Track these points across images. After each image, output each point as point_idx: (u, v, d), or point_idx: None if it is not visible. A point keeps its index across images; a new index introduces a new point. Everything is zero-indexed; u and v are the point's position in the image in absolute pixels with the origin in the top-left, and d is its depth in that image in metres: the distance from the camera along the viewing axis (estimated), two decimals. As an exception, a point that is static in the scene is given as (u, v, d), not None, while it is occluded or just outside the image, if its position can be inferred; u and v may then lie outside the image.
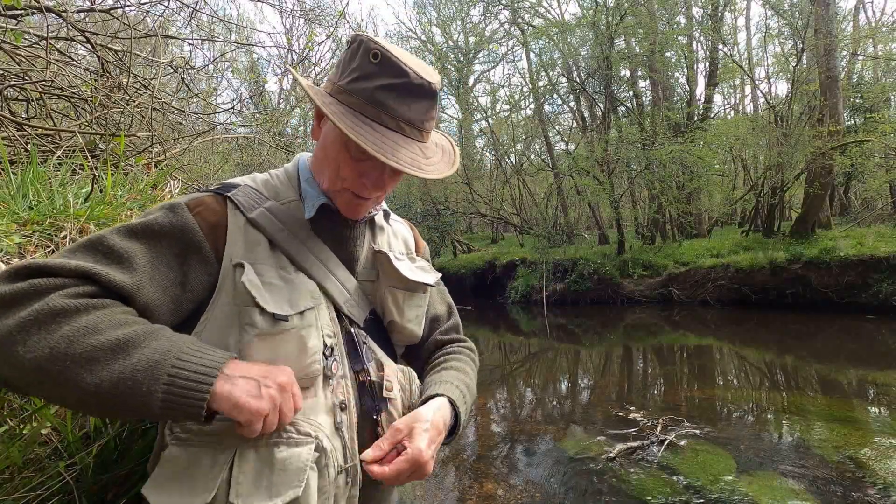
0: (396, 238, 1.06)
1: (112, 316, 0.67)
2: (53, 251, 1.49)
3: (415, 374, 0.99)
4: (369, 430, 0.87)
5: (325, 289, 0.87)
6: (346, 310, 0.90)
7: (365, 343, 0.91)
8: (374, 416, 0.87)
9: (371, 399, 0.88)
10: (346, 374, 0.86)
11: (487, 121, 20.69)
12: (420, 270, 1.03)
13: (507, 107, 21.42)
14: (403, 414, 0.92)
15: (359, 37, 0.84)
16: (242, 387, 0.67)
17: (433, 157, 0.89)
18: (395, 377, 0.93)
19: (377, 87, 0.82)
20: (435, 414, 0.87)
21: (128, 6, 3.46)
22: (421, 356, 1.08)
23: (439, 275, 1.09)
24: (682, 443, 4.05)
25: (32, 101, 2.83)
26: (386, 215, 1.05)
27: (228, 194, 0.86)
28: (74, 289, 0.67)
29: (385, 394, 0.89)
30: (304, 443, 0.75)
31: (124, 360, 0.63)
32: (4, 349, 0.62)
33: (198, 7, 3.79)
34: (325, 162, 0.89)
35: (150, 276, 0.74)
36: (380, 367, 0.91)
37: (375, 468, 0.78)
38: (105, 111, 2.77)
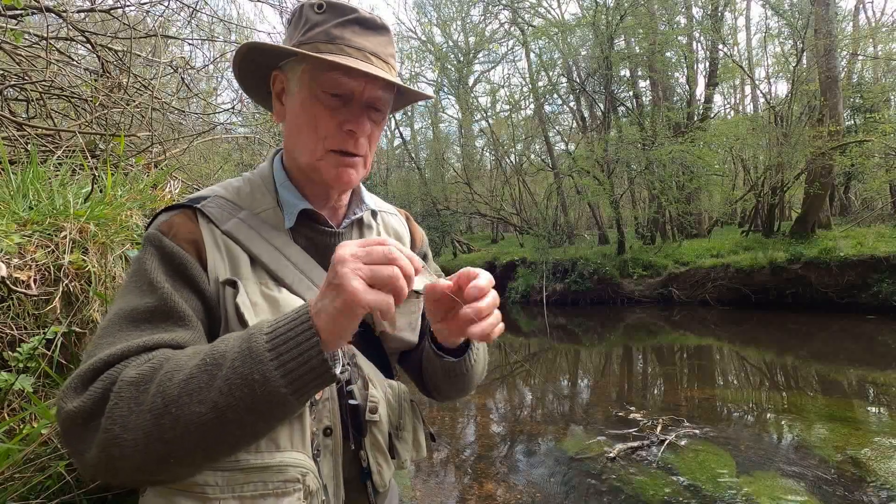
0: (388, 234, 1.01)
1: (185, 353, 0.64)
2: (53, 251, 1.49)
3: (405, 390, 0.94)
4: (352, 456, 0.82)
5: None
6: None
7: (351, 361, 0.85)
8: (358, 441, 0.82)
9: (354, 423, 0.82)
10: (333, 395, 0.80)
11: (487, 121, 20.71)
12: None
13: (507, 107, 21.44)
14: (389, 435, 0.88)
15: (298, 4, 0.84)
16: (335, 318, 0.60)
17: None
18: (383, 395, 0.87)
19: (331, 25, 0.80)
20: None
21: (128, 6, 3.46)
22: (420, 350, 1.00)
23: (433, 274, 0.99)
24: (682, 443, 4.05)
25: (32, 101, 2.83)
26: (374, 214, 0.99)
27: (198, 206, 0.80)
28: (143, 357, 0.64)
29: (368, 416, 0.83)
30: (291, 491, 0.69)
31: (220, 371, 0.59)
32: (121, 449, 0.58)
33: (198, 7, 3.79)
34: (299, 132, 0.83)
35: (192, 315, 0.72)
36: (365, 385, 0.85)
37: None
38: (105, 111, 2.77)
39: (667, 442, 4.03)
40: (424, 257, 1.07)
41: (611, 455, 3.87)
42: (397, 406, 0.90)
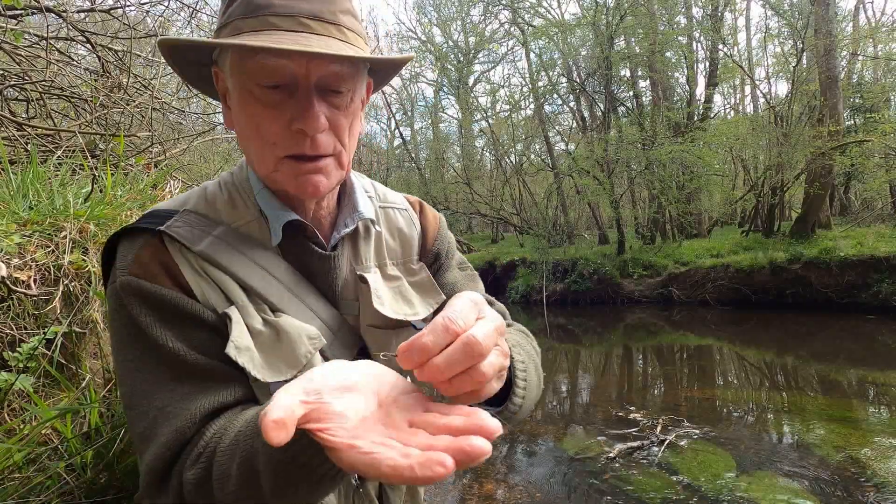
0: (393, 238, 0.85)
1: (223, 450, 0.55)
2: (53, 251, 1.49)
3: None
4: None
5: None
6: (329, 355, 0.71)
7: None
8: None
9: None
10: None
11: (487, 121, 20.70)
12: (416, 290, 0.82)
13: (507, 107, 21.43)
14: (379, 482, 0.76)
15: None
16: None
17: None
18: None
19: None
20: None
21: (128, 6, 3.47)
22: None
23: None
24: (682, 443, 4.04)
25: (32, 101, 2.84)
26: (373, 221, 0.81)
27: (161, 229, 0.65)
28: (194, 451, 0.58)
29: None
30: None
31: (258, 479, 0.51)
32: None
33: (198, 7, 3.79)
34: (249, 141, 0.66)
35: (216, 364, 0.63)
36: None
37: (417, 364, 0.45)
38: (105, 111, 2.77)
39: (667, 442, 4.03)
40: (436, 258, 0.90)
41: (611, 455, 3.87)
42: None
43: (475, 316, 0.48)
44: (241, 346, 0.62)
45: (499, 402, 0.67)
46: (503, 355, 0.50)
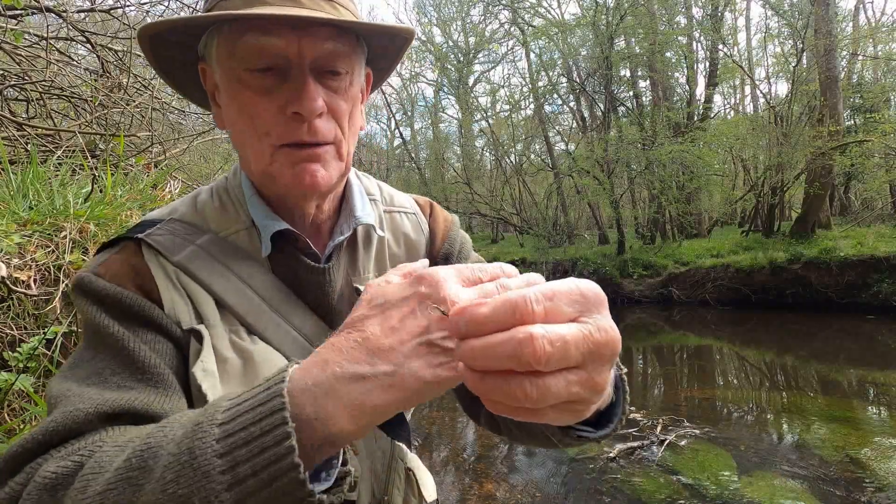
0: (398, 244, 0.79)
1: (117, 441, 0.45)
2: (53, 251, 1.49)
3: (402, 455, 0.75)
4: None
5: (289, 360, 0.61)
6: None
7: None
8: None
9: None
10: None
11: (487, 121, 20.72)
12: None
13: (507, 107, 21.46)
14: None
15: None
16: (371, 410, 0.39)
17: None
18: (367, 465, 0.70)
19: None
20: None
21: (128, 6, 3.47)
22: None
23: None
24: (682, 443, 4.04)
25: (32, 101, 2.84)
26: (374, 227, 0.74)
27: (140, 236, 0.62)
28: (77, 444, 0.47)
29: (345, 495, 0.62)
30: None
31: (148, 481, 0.38)
32: None
33: (198, 7, 3.79)
34: (242, 136, 0.61)
35: (158, 362, 0.55)
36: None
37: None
38: (105, 111, 2.77)
39: (667, 442, 4.03)
40: (446, 260, 0.81)
41: (611, 455, 3.87)
42: (384, 476, 0.73)
43: (574, 313, 0.33)
44: (209, 371, 0.57)
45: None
46: (587, 386, 0.34)
